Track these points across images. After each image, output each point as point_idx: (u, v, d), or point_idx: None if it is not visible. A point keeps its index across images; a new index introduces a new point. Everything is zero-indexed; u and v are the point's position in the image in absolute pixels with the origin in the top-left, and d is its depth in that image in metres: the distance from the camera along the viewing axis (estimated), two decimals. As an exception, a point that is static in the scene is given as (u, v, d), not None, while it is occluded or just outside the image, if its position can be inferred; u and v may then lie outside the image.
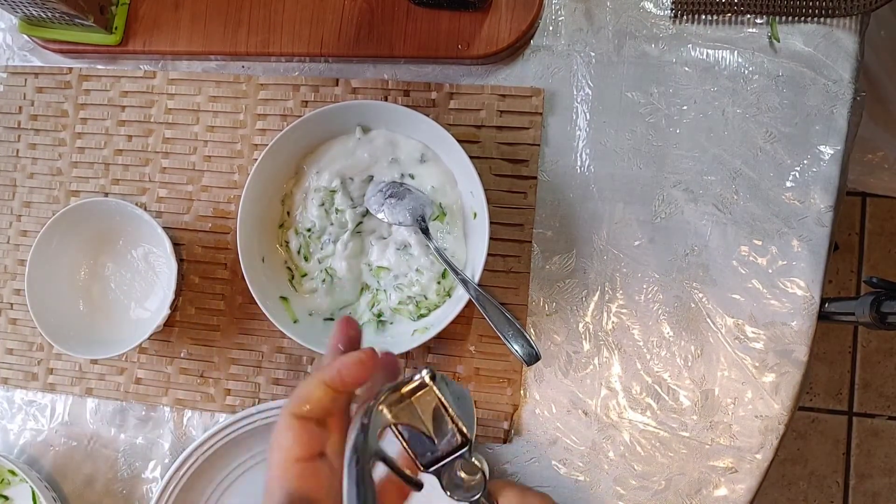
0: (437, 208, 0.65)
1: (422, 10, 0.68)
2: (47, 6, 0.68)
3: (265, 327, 0.70)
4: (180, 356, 0.72)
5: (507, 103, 0.68)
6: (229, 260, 0.71)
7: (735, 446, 0.63)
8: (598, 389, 0.65)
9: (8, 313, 0.76)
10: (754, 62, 0.65)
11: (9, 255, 0.76)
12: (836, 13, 0.63)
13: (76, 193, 0.75)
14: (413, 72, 0.70)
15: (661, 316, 0.64)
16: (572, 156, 0.67)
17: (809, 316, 0.62)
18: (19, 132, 0.77)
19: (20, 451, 0.74)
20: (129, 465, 0.72)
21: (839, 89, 0.63)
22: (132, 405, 0.73)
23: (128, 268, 0.73)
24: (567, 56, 0.68)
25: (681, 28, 0.66)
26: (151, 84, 0.74)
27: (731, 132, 0.65)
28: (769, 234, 0.63)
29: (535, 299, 0.66)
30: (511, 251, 0.67)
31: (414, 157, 0.66)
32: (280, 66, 0.72)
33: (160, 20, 0.73)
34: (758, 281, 0.63)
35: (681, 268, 0.64)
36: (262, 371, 0.70)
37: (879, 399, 1.40)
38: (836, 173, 0.63)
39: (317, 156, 0.67)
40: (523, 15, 0.66)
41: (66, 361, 0.74)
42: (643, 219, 0.65)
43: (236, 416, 0.68)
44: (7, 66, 0.78)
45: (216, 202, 0.72)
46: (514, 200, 0.67)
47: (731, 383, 0.63)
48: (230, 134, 0.72)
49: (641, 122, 0.66)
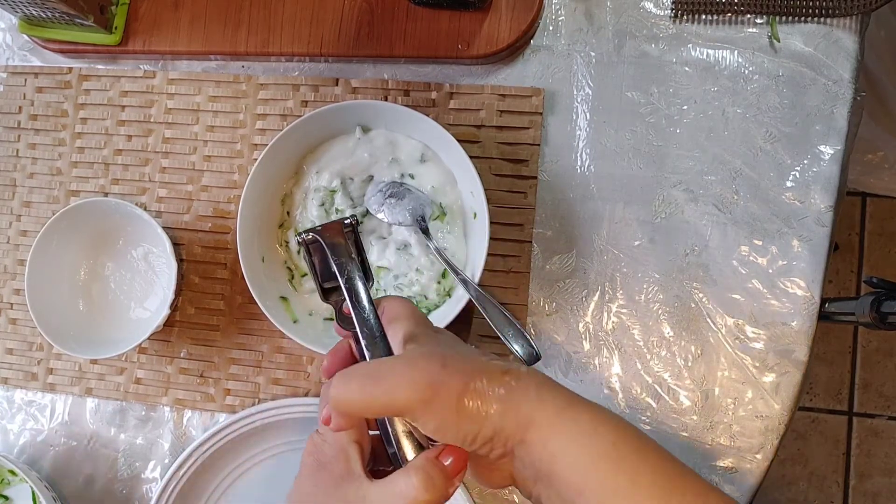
0: (437, 208, 0.65)
1: (422, 9, 0.68)
2: (47, 6, 0.68)
3: (265, 327, 0.70)
4: (180, 356, 0.72)
5: (507, 103, 0.68)
6: (229, 260, 0.71)
7: (735, 446, 0.63)
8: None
9: (8, 313, 0.76)
10: (754, 62, 0.65)
11: (9, 255, 0.76)
12: (836, 13, 0.63)
13: (76, 193, 0.75)
14: (413, 72, 0.70)
15: (662, 316, 0.64)
16: (572, 156, 0.67)
17: (809, 316, 0.62)
18: (19, 132, 0.77)
19: (20, 451, 0.74)
20: (129, 465, 0.72)
21: (839, 89, 0.63)
22: (132, 405, 0.73)
23: (128, 268, 0.73)
24: (567, 56, 0.68)
25: (681, 28, 0.66)
26: (151, 84, 0.74)
27: (732, 132, 0.65)
28: (769, 234, 0.63)
29: (535, 299, 0.66)
30: (511, 251, 0.67)
31: (414, 157, 0.66)
32: (280, 66, 0.72)
33: (160, 20, 0.73)
34: (758, 281, 0.63)
35: (681, 268, 0.64)
36: (262, 371, 0.70)
37: (879, 399, 1.40)
38: (836, 173, 0.63)
39: (317, 156, 0.67)
40: (523, 15, 0.66)
41: (66, 361, 0.74)
42: (643, 219, 0.65)
43: (236, 416, 0.68)
44: (7, 66, 0.78)
45: (216, 202, 0.72)
46: (514, 200, 0.67)
47: (732, 383, 0.63)
48: (230, 134, 0.72)
49: (641, 121, 0.66)
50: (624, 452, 0.36)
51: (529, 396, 0.37)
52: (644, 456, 0.36)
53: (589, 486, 0.35)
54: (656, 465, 0.36)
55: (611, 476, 0.35)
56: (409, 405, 0.37)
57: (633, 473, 0.35)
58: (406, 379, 0.37)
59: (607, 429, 0.36)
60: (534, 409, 0.36)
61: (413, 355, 0.38)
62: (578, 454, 0.36)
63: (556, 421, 0.36)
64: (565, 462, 0.36)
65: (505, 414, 0.36)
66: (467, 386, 0.36)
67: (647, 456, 0.36)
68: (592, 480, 0.35)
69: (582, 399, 0.38)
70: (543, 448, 0.36)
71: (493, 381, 0.37)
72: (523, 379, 0.37)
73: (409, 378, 0.37)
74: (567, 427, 0.36)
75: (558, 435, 0.36)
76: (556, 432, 0.36)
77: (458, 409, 0.36)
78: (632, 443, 0.36)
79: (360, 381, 0.37)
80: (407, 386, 0.36)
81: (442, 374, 0.36)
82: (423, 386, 0.36)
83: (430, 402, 0.36)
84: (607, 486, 0.35)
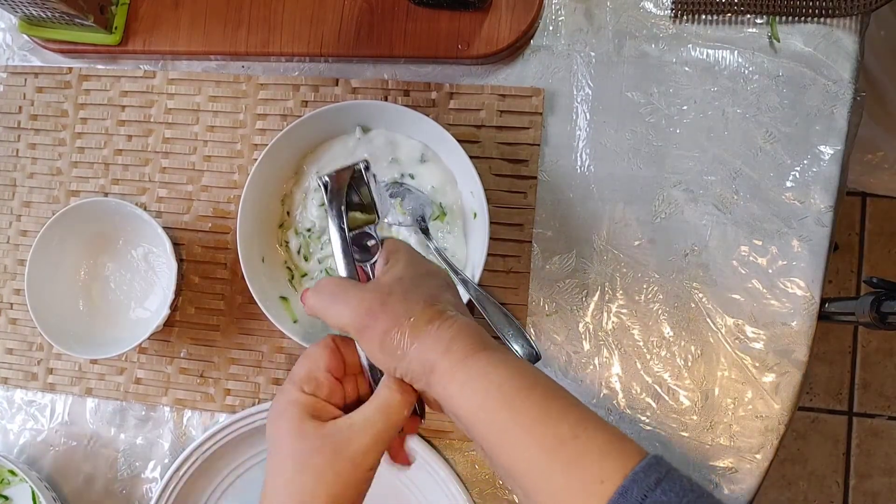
0: (437, 208, 0.65)
1: (422, 10, 0.68)
2: (47, 6, 0.68)
3: (265, 327, 0.70)
4: (180, 356, 0.72)
5: (507, 103, 0.68)
6: (229, 260, 0.71)
7: (735, 446, 0.63)
8: (599, 389, 0.65)
9: (8, 313, 0.76)
10: (754, 62, 0.65)
11: (9, 255, 0.76)
12: (836, 13, 0.63)
13: (76, 193, 0.75)
14: (413, 72, 0.70)
15: (661, 316, 0.64)
16: (572, 156, 0.67)
17: (809, 316, 0.62)
18: (19, 132, 0.77)
19: (20, 451, 0.74)
20: (129, 465, 0.72)
21: (839, 89, 0.63)
22: (132, 405, 0.73)
23: (128, 268, 0.73)
24: (567, 56, 0.68)
25: (681, 28, 0.66)
26: (151, 84, 0.74)
27: (731, 132, 0.65)
28: (769, 234, 0.63)
29: (535, 299, 0.66)
30: (511, 251, 0.67)
31: (414, 157, 0.66)
32: (280, 66, 0.72)
33: (160, 20, 0.73)
34: (758, 281, 0.63)
35: (681, 268, 0.64)
36: (262, 371, 0.70)
37: (879, 399, 1.40)
38: (836, 173, 0.63)
39: (317, 156, 0.67)
40: (523, 15, 0.66)
41: (66, 361, 0.74)
42: (643, 219, 0.65)
43: (236, 416, 0.68)
44: (7, 65, 0.78)
45: (216, 202, 0.72)
46: (514, 200, 0.67)
47: (731, 383, 0.63)
48: (230, 134, 0.72)
49: (641, 122, 0.66)
50: (508, 393, 0.40)
51: (439, 346, 0.42)
52: (527, 395, 0.40)
53: (478, 424, 0.41)
54: (538, 402, 0.40)
55: (493, 413, 0.40)
56: (348, 329, 0.44)
57: (512, 411, 0.40)
58: (351, 307, 0.44)
59: (498, 373, 0.41)
60: (438, 357, 0.41)
61: (368, 287, 0.45)
62: (470, 396, 0.41)
63: (455, 368, 0.41)
64: (459, 403, 0.41)
65: (414, 358, 0.42)
66: (391, 326, 0.42)
67: (530, 394, 0.40)
68: (480, 418, 0.41)
69: (489, 347, 0.42)
70: (444, 390, 0.42)
71: (414, 328, 0.42)
72: (443, 328, 0.42)
73: (353, 307, 0.44)
74: (462, 373, 0.41)
75: (453, 381, 0.41)
76: (452, 379, 0.41)
77: (381, 343, 0.43)
78: (518, 382, 0.40)
79: (321, 297, 0.45)
80: (349, 313, 0.44)
81: (377, 310, 0.43)
82: (361, 315, 0.43)
83: (362, 332, 0.43)
84: (493, 423, 0.40)
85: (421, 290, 0.44)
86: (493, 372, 0.41)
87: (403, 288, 0.44)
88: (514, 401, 0.40)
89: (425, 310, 0.43)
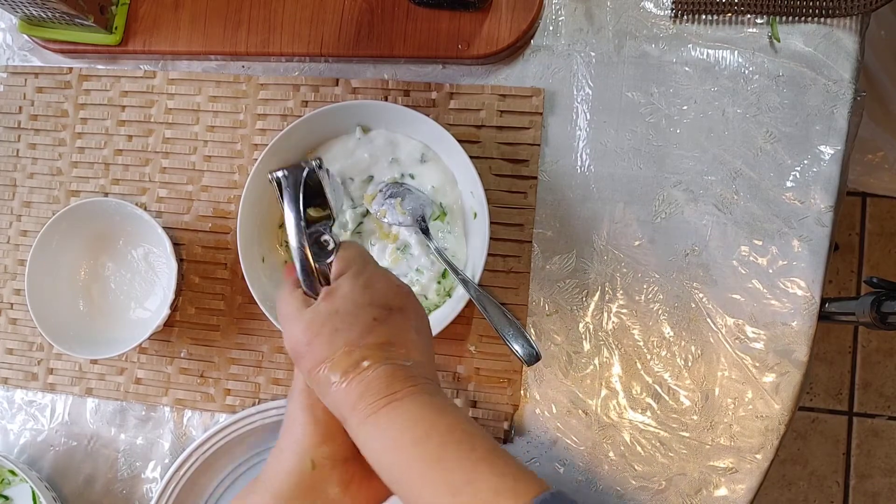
0: (437, 208, 0.65)
1: (422, 10, 0.68)
2: (47, 6, 0.68)
3: (265, 327, 0.70)
4: (180, 356, 0.72)
5: (508, 103, 0.68)
6: (229, 260, 0.71)
7: (735, 446, 0.63)
8: (599, 389, 0.65)
9: (8, 313, 0.76)
10: (754, 62, 0.65)
11: (9, 255, 0.76)
12: (836, 13, 0.63)
13: (76, 193, 0.75)
14: (413, 72, 0.70)
15: (662, 316, 0.64)
16: (572, 156, 0.67)
17: (810, 316, 0.62)
18: (19, 132, 0.77)
19: (20, 451, 0.74)
20: (129, 465, 0.72)
21: (839, 89, 0.63)
22: (132, 405, 0.73)
23: (128, 268, 0.73)
24: (567, 56, 0.68)
25: (681, 28, 0.66)
26: (151, 84, 0.74)
27: (732, 132, 0.65)
28: (769, 234, 0.63)
29: (535, 299, 0.66)
30: (511, 251, 0.67)
31: (414, 157, 0.66)
32: (280, 66, 0.72)
33: (160, 20, 0.73)
34: (758, 281, 0.63)
35: (681, 268, 0.64)
36: (262, 371, 0.70)
37: (879, 399, 1.40)
38: (836, 173, 0.63)
39: (317, 156, 0.67)
40: (523, 15, 0.66)
41: (66, 361, 0.74)
42: (643, 219, 0.65)
43: (236, 416, 0.68)
44: (7, 66, 0.78)
45: (216, 202, 0.72)
46: (514, 200, 0.67)
47: (732, 383, 0.63)
48: (230, 134, 0.72)
49: (641, 122, 0.66)
50: (403, 446, 0.43)
51: (348, 402, 0.45)
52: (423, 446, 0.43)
53: (382, 474, 0.45)
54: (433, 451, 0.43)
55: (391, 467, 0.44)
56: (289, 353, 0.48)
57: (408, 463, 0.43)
58: (292, 334, 0.47)
59: (395, 427, 0.44)
60: (347, 413, 0.45)
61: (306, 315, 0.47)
62: (370, 453, 0.45)
63: (359, 426, 0.45)
64: (366, 454, 0.45)
65: (331, 403, 0.46)
66: (315, 365, 0.46)
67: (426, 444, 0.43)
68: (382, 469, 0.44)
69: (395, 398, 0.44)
70: (354, 437, 0.46)
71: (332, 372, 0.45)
72: (353, 384, 0.45)
73: (294, 334, 0.47)
74: (363, 433, 0.45)
75: (357, 438, 0.45)
76: (356, 436, 0.45)
77: (308, 375, 0.47)
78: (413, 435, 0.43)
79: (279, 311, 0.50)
80: (290, 340, 0.48)
81: (308, 343, 0.46)
82: (297, 344, 0.47)
83: (296, 360, 0.47)
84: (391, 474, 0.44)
85: (349, 330, 0.46)
86: (390, 428, 0.44)
87: (333, 325, 0.46)
88: (410, 452, 0.43)
89: (342, 358, 0.45)
